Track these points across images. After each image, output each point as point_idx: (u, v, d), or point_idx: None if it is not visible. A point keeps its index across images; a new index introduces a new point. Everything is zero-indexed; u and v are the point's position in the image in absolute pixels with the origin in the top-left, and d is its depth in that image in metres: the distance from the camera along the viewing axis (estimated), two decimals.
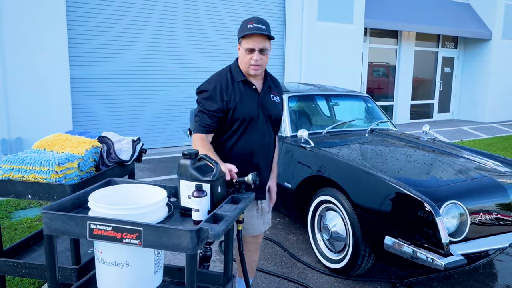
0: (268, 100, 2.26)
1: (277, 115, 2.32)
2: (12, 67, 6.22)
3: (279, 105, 2.33)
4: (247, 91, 2.20)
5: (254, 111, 2.20)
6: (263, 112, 2.23)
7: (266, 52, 2.13)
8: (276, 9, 8.82)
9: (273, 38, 2.12)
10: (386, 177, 2.90)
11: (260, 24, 2.09)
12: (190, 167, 1.71)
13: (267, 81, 2.29)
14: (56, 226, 1.57)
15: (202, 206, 1.65)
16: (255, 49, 2.10)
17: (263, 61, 2.14)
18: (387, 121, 4.67)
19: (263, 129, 2.24)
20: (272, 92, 2.30)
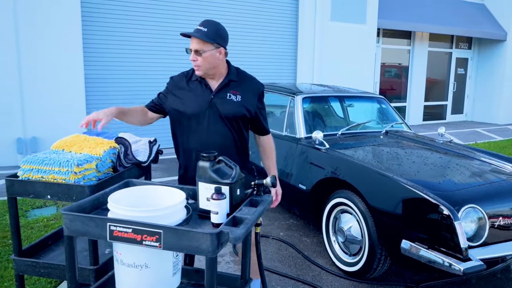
0: (221, 99, 2.23)
1: (230, 114, 2.23)
2: (28, 67, 6.30)
3: (237, 104, 2.25)
4: (199, 90, 2.25)
5: (202, 109, 2.22)
6: (213, 111, 2.22)
7: (203, 53, 2.14)
8: (288, 10, 8.80)
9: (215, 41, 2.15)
10: (402, 180, 2.87)
11: (202, 27, 2.14)
12: (209, 169, 1.71)
13: (225, 79, 2.27)
14: (76, 227, 1.57)
15: (221, 208, 1.64)
16: (192, 50, 2.17)
17: (199, 62, 2.16)
18: (401, 123, 4.63)
19: (211, 127, 2.22)
20: (230, 90, 2.26)
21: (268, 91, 4.84)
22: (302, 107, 4.19)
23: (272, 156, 2.49)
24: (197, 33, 2.12)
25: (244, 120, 2.29)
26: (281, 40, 8.81)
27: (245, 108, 2.26)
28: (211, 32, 2.14)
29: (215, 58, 2.18)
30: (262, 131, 2.44)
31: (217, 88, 2.25)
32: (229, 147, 2.27)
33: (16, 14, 6.11)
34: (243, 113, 2.26)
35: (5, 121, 6.22)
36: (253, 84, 2.35)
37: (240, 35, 8.26)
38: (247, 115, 2.28)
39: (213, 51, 2.16)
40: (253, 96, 2.31)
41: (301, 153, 3.82)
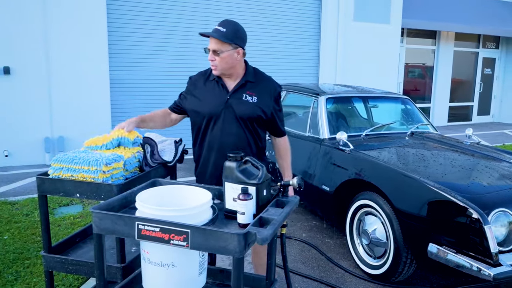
0: (237, 100, 2.22)
1: (246, 115, 2.22)
2: (55, 69, 6.45)
3: (253, 105, 2.23)
4: (215, 89, 2.26)
5: (217, 109, 2.22)
6: (229, 111, 2.22)
7: (221, 54, 2.15)
8: (311, 10, 8.76)
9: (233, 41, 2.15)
10: (429, 182, 2.81)
11: (221, 27, 2.15)
12: (236, 169, 1.71)
13: (242, 80, 2.26)
14: (105, 226, 1.60)
15: (248, 209, 1.64)
16: (210, 50, 2.19)
17: (217, 62, 2.18)
18: (427, 124, 4.54)
19: (226, 128, 2.22)
20: (247, 91, 2.24)
21: (291, 92, 4.83)
22: (326, 108, 4.15)
23: (287, 157, 2.49)
24: (215, 33, 2.13)
25: (259, 121, 2.28)
26: (303, 40, 8.77)
27: (260, 109, 2.25)
28: (230, 33, 2.14)
29: (232, 59, 2.18)
30: (278, 133, 2.42)
31: (234, 89, 2.24)
32: (243, 148, 2.25)
33: (46, 18, 6.26)
34: (259, 114, 2.25)
35: (33, 121, 6.38)
36: (270, 85, 2.34)
37: (262, 36, 8.26)
38: (262, 116, 2.27)
39: (231, 51, 2.16)
40: (270, 98, 2.30)
41: (325, 154, 3.79)
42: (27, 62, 6.25)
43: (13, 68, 6.18)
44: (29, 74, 6.29)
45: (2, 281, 2.86)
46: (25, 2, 6.11)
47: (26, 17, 6.15)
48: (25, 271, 3.00)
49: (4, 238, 3.58)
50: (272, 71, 8.44)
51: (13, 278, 2.90)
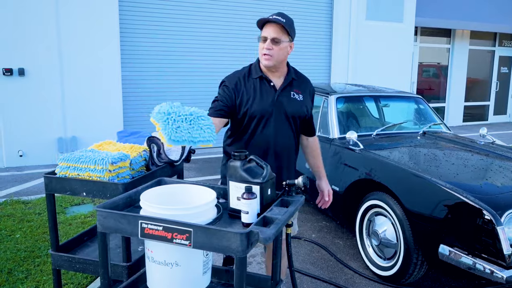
0: (286, 98, 2.19)
1: (296, 113, 2.21)
2: (69, 70, 6.52)
3: (300, 103, 2.23)
4: (262, 88, 2.17)
5: (268, 108, 2.15)
6: (279, 110, 2.17)
7: (280, 44, 2.08)
8: (323, 9, 8.71)
9: (290, 33, 2.09)
10: (441, 182, 2.76)
11: (280, 17, 2.06)
12: (240, 168, 1.69)
13: (288, 77, 2.22)
14: (109, 224, 1.59)
15: (252, 208, 1.62)
16: (267, 38, 2.07)
17: (274, 51, 2.09)
18: (440, 123, 4.47)
19: (278, 127, 2.18)
20: (294, 89, 2.22)
21: None
22: (336, 107, 4.12)
23: (320, 156, 2.50)
24: (279, 19, 2.04)
25: (302, 120, 2.29)
26: (315, 39, 8.73)
27: (306, 108, 2.27)
28: (289, 24, 2.09)
29: (286, 52, 2.14)
30: (312, 132, 2.43)
31: (282, 86, 2.19)
32: (292, 148, 2.27)
33: (59, 20, 6.34)
34: (305, 113, 2.26)
35: (47, 122, 6.46)
36: (309, 85, 2.35)
37: None
38: (307, 115, 2.29)
39: (288, 43, 2.12)
40: (309, 97, 2.32)
41: (335, 153, 3.75)
42: (41, 63, 6.34)
43: (27, 69, 6.27)
44: (43, 75, 6.38)
45: (13, 279, 2.89)
46: (38, 5, 6.20)
47: (40, 20, 6.24)
48: (35, 269, 3.03)
49: (16, 236, 3.62)
50: None
51: (24, 276, 2.93)
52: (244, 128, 2.19)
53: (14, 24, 6.10)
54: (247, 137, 2.19)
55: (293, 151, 2.30)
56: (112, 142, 2.35)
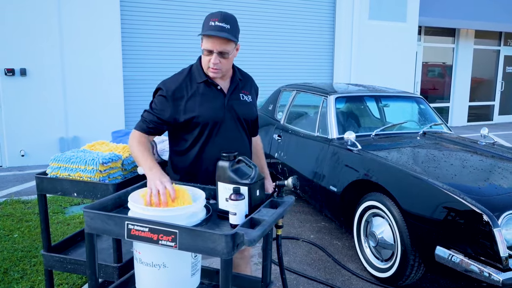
0: (237, 101, 2.03)
1: (248, 116, 2.08)
2: (71, 70, 6.54)
3: (250, 105, 2.10)
4: (210, 93, 1.97)
5: (219, 114, 1.97)
6: (232, 115, 2.01)
7: (228, 56, 1.90)
8: (325, 9, 8.68)
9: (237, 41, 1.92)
10: (438, 183, 2.73)
11: (224, 23, 1.84)
12: (228, 169, 1.68)
13: (235, 79, 2.05)
14: (96, 225, 1.59)
15: (240, 209, 1.61)
16: (213, 51, 1.87)
17: (223, 65, 1.91)
18: (441, 124, 4.43)
19: (231, 133, 2.01)
20: (242, 91, 2.07)
21: (301, 91, 4.78)
22: (335, 107, 4.09)
23: (264, 156, 2.38)
24: (224, 32, 1.84)
25: (253, 122, 2.19)
26: (318, 39, 8.70)
27: (255, 108, 2.17)
28: (234, 28, 1.89)
29: (233, 59, 1.97)
30: (256, 132, 2.30)
31: (230, 89, 2.03)
32: (248, 154, 2.14)
33: (61, 20, 6.36)
34: (256, 114, 2.17)
35: (49, 122, 6.49)
36: (254, 83, 2.22)
37: (275, 34, 8.22)
38: (256, 116, 2.19)
39: (234, 49, 1.94)
40: (255, 96, 2.21)
41: (333, 154, 3.73)
42: (43, 63, 6.36)
43: (29, 69, 6.30)
44: (45, 75, 6.40)
45: (8, 278, 2.90)
46: (40, 5, 6.22)
47: (42, 20, 6.26)
48: (31, 269, 3.04)
49: (14, 236, 3.63)
50: (285, 71, 8.42)
51: (19, 276, 2.93)
52: (194, 139, 1.98)
53: (16, 24, 6.13)
54: (197, 149, 1.99)
55: (250, 157, 2.17)
56: (105, 142, 2.35)
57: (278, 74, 8.30)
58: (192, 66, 2.05)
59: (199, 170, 2.02)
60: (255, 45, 8.06)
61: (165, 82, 1.98)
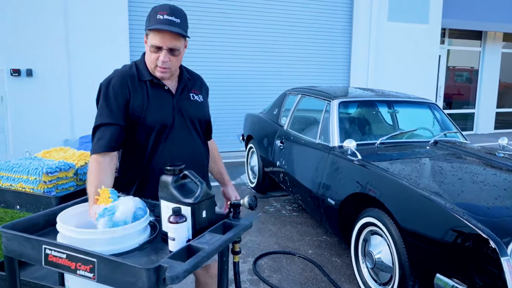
0: (187, 101, 1.83)
1: (202, 117, 1.88)
2: (77, 71, 6.45)
3: (202, 105, 1.90)
4: (156, 93, 1.75)
5: (168, 117, 1.75)
6: (182, 117, 1.80)
7: (178, 53, 1.71)
8: (342, 10, 8.35)
9: (188, 37, 1.72)
10: (440, 201, 2.41)
11: (173, 17, 1.64)
12: (171, 185, 1.43)
13: (183, 78, 1.85)
14: (13, 248, 1.37)
15: (179, 234, 1.36)
16: (162, 48, 1.67)
17: (172, 63, 1.71)
18: (456, 132, 4.06)
19: (182, 138, 1.80)
20: (192, 90, 1.87)
21: (306, 95, 4.50)
22: (338, 113, 3.80)
23: (221, 161, 2.15)
24: (175, 26, 1.64)
25: (207, 124, 1.97)
26: (334, 41, 8.38)
27: (208, 109, 1.95)
28: (184, 23, 1.71)
29: (182, 55, 1.77)
30: (210, 135, 2.07)
31: (179, 89, 1.82)
32: (201, 158, 1.90)
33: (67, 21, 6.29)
34: (208, 115, 1.95)
35: (54, 123, 6.41)
36: (204, 82, 2.01)
37: (289, 36, 7.95)
38: (209, 117, 1.97)
39: (184, 46, 1.75)
40: (207, 95, 2.00)
41: (332, 163, 3.43)
42: (49, 64, 6.29)
43: (35, 70, 6.24)
44: (51, 76, 6.33)
45: None
46: (46, 6, 6.16)
47: (48, 21, 6.20)
48: None
49: None
50: (300, 74, 8.13)
51: None
52: (141, 147, 1.74)
53: (22, 25, 6.08)
54: (146, 158, 1.75)
55: (206, 161, 1.95)
56: (63, 149, 2.15)
57: (291, 77, 8.01)
58: (135, 62, 1.82)
59: (147, 182, 1.77)
60: (268, 46, 7.81)
61: (110, 80, 1.74)
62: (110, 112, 1.69)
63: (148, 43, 1.70)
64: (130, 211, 1.43)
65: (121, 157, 1.82)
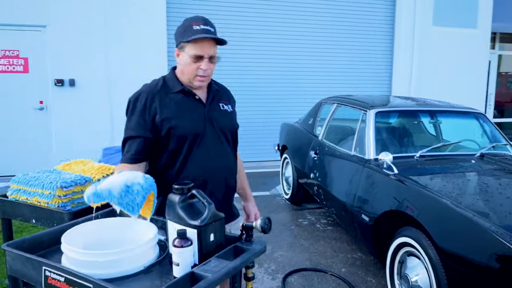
0: (217, 111, 1.83)
1: (232, 127, 1.88)
2: (116, 81, 6.60)
3: (232, 115, 1.90)
4: (187, 103, 1.77)
5: (199, 126, 1.76)
6: (212, 127, 1.79)
7: (216, 60, 1.75)
8: (383, 13, 8.07)
9: (225, 42, 1.72)
10: (484, 223, 2.18)
11: (208, 26, 1.69)
12: (178, 205, 1.34)
13: (212, 89, 1.85)
14: (16, 267, 1.33)
15: (184, 259, 1.26)
16: (204, 56, 1.70)
17: (211, 71, 1.75)
18: (506, 144, 3.75)
19: (214, 147, 1.79)
20: (221, 101, 1.88)
21: (342, 105, 4.33)
22: (375, 124, 3.60)
23: (245, 175, 2.08)
24: (214, 34, 1.70)
25: (236, 134, 1.93)
26: (374, 48, 8.10)
27: (236, 119, 1.93)
28: (216, 32, 1.75)
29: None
30: (237, 146, 2.01)
31: (209, 98, 1.82)
32: (232, 167, 1.88)
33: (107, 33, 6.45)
34: (237, 125, 1.93)
35: (95, 131, 6.56)
36: (231, 94, 2.01)
37: (328, 43, 7.77)
38: (237, 128, 1.95)
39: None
40: (235, 107, 1.98)
41: (367, 177, 3.24)
42: (90, 74, 6.48)
43: (77, 80, 6.44)
44: (92, 86, 6.51)
45: None
46: (88, 20, 6.35)
47: (89, 31, 6.39)
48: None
49: None
50: (338, 82, 7.91)
51: None
52: (171, 157, 1.75)
53: (66, 36, 6.30)
54: (179, 167, 1.75)
55: (236, 170, 1.93)
56: (83, 161, 2.13)
57: (329, 85, 7.81)
58: (164, 77, 1.85)
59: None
60: (306, 53, 7.67)
61: (137, 96, 1.79)
62: (137, 126, 1.74)
63: (187, 54, 1.72)
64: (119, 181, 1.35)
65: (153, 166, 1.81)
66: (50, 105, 6.41)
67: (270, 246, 3.89)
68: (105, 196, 1.34)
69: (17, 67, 6.26)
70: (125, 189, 1.34)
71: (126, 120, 1.79)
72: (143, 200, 1.36)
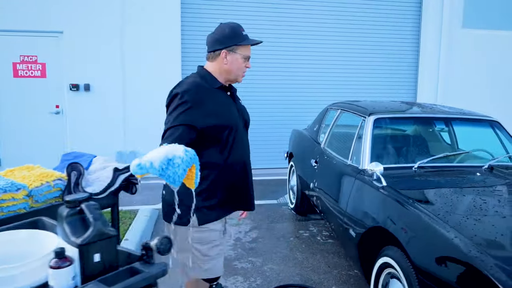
0: (241, 106, 2.13)
1: (249, 119, 2.18)
2: (131, 86, 6.64)
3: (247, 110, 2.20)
4: (225, 98, 2.02)
5: (237, 118, 2.03)
6: (242, 120, 2.08)
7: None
8: (409, 15, 7.69)
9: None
10: (467, 246, 1.91)
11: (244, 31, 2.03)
12: (64, 219, 1.21)
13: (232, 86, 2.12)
14: None
15: (59, 281, 1.13)
16: (250, 57, 2.04)
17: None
18: None
19: (245, 138, 2.09)
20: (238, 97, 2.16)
21: (345, 110, 4.09)
22: (372, 131, 3.35)
23: None
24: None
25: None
26: (399, 52, 7.74)
27: None
28: None
29: None
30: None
31: (234, 95, 2.09)
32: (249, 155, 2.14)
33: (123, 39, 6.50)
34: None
35: (108, 135, 6.63)
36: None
37: (350, 46, 7.49)
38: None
39: None
40: None
41: (357, 189, 3.01)
42: (105, 79, 6.55)
43: (92, 85, 6.52)
44: (106, 91, 6.58)
45: None
46: (104, 23, 6.43)
47: (105, 37, 6.47)
48: None
49: None
50: (360, 88, 7.60)
51: None
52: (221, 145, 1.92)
53: (82, 42, 6.40)
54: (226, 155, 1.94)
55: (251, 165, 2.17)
56: (30, 167, 2.04)
57: (350, 91, 7.53)
58: (199, 74, 2.00)
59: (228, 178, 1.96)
60: (324, 57, 7.44)
61: (183, 88, 1.88)
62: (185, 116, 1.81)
63: (239, 55, 1.96)
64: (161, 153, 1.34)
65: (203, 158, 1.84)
66: (65, 109, 6.53)
67: (262, 258, 3.71)
68: (148, 168, 1.32)
69: (35, 72, 6.42)
70: (166, 161, 1.32)
71: (171, 111, 1.85)
72: (183, 172, 1.36)
